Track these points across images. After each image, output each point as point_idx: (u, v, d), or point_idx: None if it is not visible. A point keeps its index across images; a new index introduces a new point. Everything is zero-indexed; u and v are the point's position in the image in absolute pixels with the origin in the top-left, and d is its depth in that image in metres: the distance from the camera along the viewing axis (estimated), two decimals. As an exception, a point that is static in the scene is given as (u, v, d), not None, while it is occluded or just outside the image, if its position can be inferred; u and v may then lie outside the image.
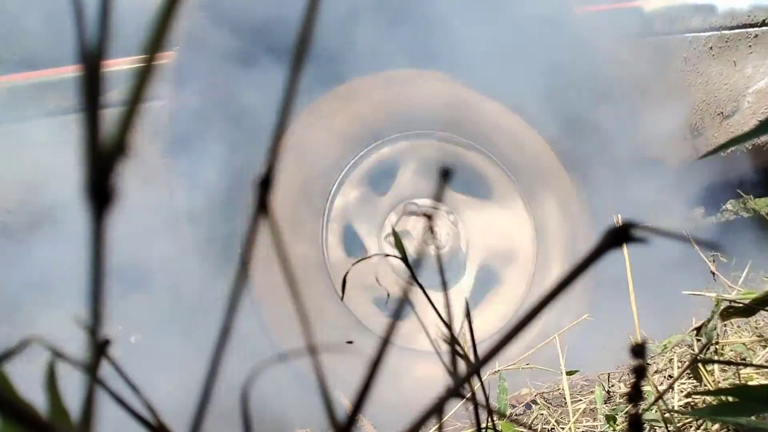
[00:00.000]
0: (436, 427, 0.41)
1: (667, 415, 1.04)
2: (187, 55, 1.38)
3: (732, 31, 2.30)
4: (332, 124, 1.73)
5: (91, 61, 0.18)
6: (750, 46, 2.32)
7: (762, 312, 0.98)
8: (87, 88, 0.18)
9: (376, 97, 1.79)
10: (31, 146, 1.44)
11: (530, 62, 1.75)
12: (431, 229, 0.35)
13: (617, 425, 1.18)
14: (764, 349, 1.44)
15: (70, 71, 1.41)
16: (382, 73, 1.82)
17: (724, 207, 3.24)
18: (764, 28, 2.30)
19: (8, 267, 1.46)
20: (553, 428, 1.41)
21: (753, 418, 0.52)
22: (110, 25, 0.18)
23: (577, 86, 1.90)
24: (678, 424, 1.10)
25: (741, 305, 0.94)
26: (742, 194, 2.77)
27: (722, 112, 2.33)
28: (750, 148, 2.42)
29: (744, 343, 1.40)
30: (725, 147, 0.45)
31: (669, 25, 2.20)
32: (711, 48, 2.29)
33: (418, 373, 1.62)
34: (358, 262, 0.69)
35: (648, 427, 1.14)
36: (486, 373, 1.40)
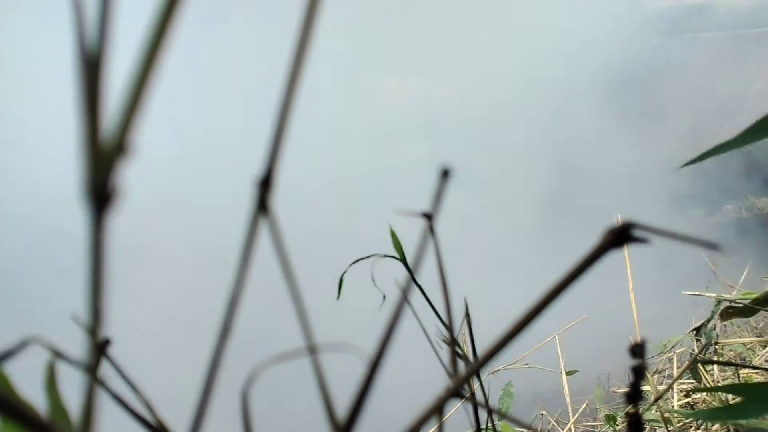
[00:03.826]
0: (436, 427, 0.41)
1: (666, 415, 1.04)
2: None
3: (734, 32, 2.30)
4: None
5: (91, 60, 0.18)
6: (752, 47, 2.32)
7: (762, 312, 0.98)
8: (87, 87, 0.18)
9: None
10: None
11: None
12: (431, 230, 0.35)
13: (617, 425, 1.18)
14: (764, 349, 1.44)
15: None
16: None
17: (724, 207, 3.24)
18: (765, 28, 2.30)
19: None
20: (553, 428, 1.41)
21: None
22: (110, 24, 0.18)
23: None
24: (678, 424, 1.10)
25: (741, 305, 0.94)
26: (743, 193, 2.77)
27: (724, 113, 2.33)
28: (750, 148, 2.42)
29: (744, 344, 1.40)
30: (717, 152, 0.45)
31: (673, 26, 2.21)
32: (713, 49, 2.29)
33: (417, 373, 1.61)
34: (355, 262, 0.69)
35: (648, 427, 1.14)
36: (486, 373, 1.40)
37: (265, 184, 0.23)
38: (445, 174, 0.31)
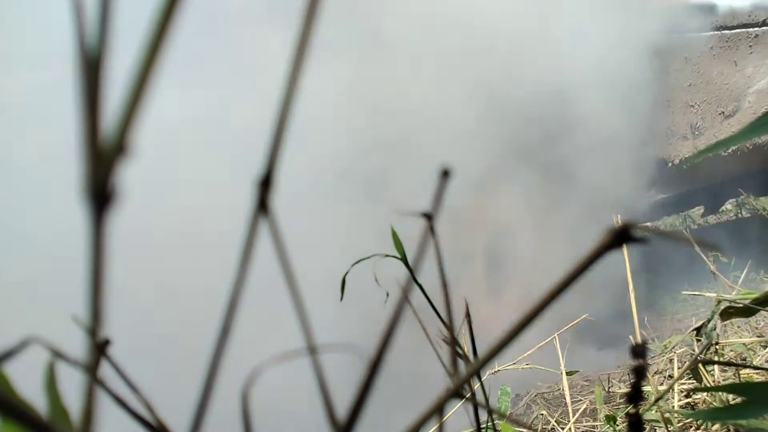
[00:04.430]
0: (436, 427, 0.41)
1: (667, 415, 1.04)
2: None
3: (732, 31, 2.30)
4: None
5: (91, 60, 0.18)
6: (750, 46, 2.32)
7: (762, 312, 0.98)
8: (87, 87, 0.18)
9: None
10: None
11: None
12: (431, 229, 0.35)
13: (617, 425, 1.18)
14: (764, 349, 1.44)
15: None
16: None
17: (724, 207, 3.24)
18: (765, 28, 2.30)
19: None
20: (553, 428, 1.41)
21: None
22: (110, 24, 0.18)
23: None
24: (678, 425, 1.10)
25: (741, 305, 0.94)
26: (743, 193, 2.77)
27: (723, 112, 2.33)
28: (750, 147, 2.42)
29: (744, 344, 1.40)
30: (717, 148, 0.45)
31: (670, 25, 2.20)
32: (711, 48, 2.28)
33: (417, 373, 1.61)
34: (357, 262, 0.69)
35: (648, 428, 1.14)
36: (486, 373, 1.40)
37: (265, 184, 0.23)
38: (445, 174, 0.31)
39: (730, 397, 1.07)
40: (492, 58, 1.87)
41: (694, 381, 1.22)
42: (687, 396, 1.25)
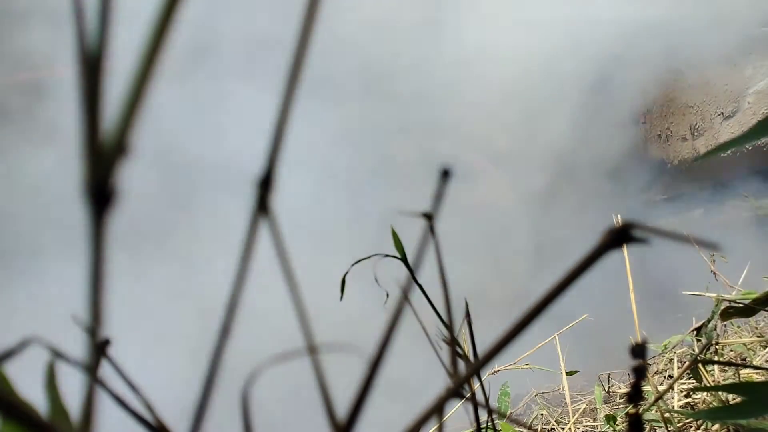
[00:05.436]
0: (436, 427, 0.41)
1: (667, 415, 1.04)
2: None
3: (732, 32, 2.30)
4: None
5: (91, 61, 0.18)
6: (750, 47, 2.32)
7: (762, 312, 0.98)
8: (87, 87, 0.18)
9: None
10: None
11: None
12: (431, 229, 0.35)
13: (617, 425, 1.18)
14: (764, 349, 1.44)
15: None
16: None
17: (724, 207, 3.24)
18: (764, 29, 2.30)
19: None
20: (553, 428, 1.41)
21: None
22: (110, 24, 0.18)
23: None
24: (678, 425, 1.10)
25: (741, 305, 0.93)
26: (743, 193, 2.77)
27: (722, 113, 2.33)
28: (750, 149, 2.42)
29: (744, 344, 1.40)
30: (718, 151, 0.45)
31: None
32: (714, 49, 2.29)
33: (417, 373, 1.61)
34: (357, 262, 0.69)
35: (648, 427, 1.14)
36: (486, 373, 1.40)
37: (265, 184, 0.23)
38: (446, 174, 0.31)
39: (730, 397, 1.07)
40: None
41: (694, 381, 1.22)
42: (687, 396, 1.25)
